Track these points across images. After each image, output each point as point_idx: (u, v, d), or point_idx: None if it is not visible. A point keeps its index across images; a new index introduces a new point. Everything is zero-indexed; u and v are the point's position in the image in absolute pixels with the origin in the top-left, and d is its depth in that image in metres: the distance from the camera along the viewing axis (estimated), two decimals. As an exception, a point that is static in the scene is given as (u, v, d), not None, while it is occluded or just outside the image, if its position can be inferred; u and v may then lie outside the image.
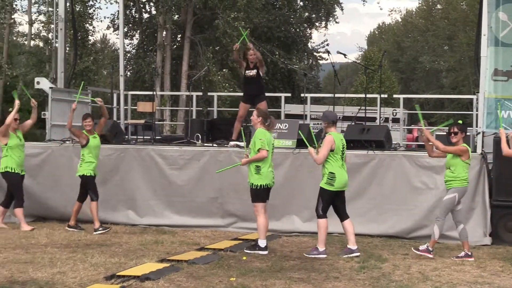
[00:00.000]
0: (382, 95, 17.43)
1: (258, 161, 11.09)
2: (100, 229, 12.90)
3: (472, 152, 11.39)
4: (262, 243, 11.18)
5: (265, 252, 11.06)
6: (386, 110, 27.23)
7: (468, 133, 12.25)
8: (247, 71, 14.64)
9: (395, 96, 23.03)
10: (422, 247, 10.97)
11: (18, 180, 13.32)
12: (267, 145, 11.07)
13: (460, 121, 11.39)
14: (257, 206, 11.21)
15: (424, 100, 53.69)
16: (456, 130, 11.08)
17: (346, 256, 10.83)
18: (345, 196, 11.22)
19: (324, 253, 10.90)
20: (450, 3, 58.66)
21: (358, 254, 10.93)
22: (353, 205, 12.56)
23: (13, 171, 13.20)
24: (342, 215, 11.15)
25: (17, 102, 13.61)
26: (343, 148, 11.06)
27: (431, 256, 10.83)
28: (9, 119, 13.35)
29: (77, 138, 13.29)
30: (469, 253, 10.96)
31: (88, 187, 13.12)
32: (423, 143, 16.56)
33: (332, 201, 11.05)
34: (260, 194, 11.19)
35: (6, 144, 13.19)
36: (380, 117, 16.86)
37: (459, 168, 10.94)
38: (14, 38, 50.27)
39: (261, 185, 11.13)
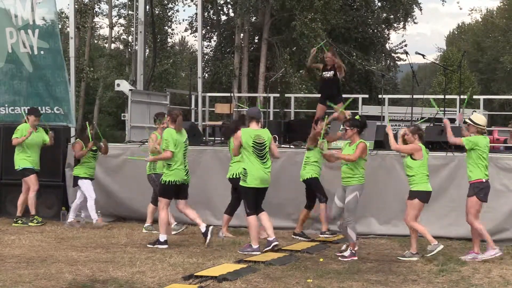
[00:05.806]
0: (462, 96, 17.17)
1: (167, 159, 11.50)
2: (327, 233, 12.76)
3: None
4: (162, 237, 11.57)
5: (165, 246, 11.36)
6: (466, 111, 26.78)
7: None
8: (324, 73, 14.57)
9: (475, 97, 22.65)
10: (346, 253, 10.78)
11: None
12: (173, 145, 11.43)
13: (357, 117, 11.23)
14: (160, 201, 11.69)
15: (504, 101, 52.64)
16: (346, 127, 10.90)
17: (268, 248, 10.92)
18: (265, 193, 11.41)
19: (258, 250, 10.99)
20: (533, 2, 57.40)
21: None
22: (432, 208, 12.39)
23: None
24: (257, 210, 11.29)
25: None
26: (255, 144, 11.05)
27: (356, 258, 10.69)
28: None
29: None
30: (354, 252, 10.80)
31: (315, 190, 12.84)
32: (510, 145, 16.12)
33: (256, 198, 11.21)
34: (166, 190, 11.62)
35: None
36: (459, 118, 16.60)
37: (358, 166, 10.78)
38: (95, 41, 51.28)
39: (168, 181, 11.53)
